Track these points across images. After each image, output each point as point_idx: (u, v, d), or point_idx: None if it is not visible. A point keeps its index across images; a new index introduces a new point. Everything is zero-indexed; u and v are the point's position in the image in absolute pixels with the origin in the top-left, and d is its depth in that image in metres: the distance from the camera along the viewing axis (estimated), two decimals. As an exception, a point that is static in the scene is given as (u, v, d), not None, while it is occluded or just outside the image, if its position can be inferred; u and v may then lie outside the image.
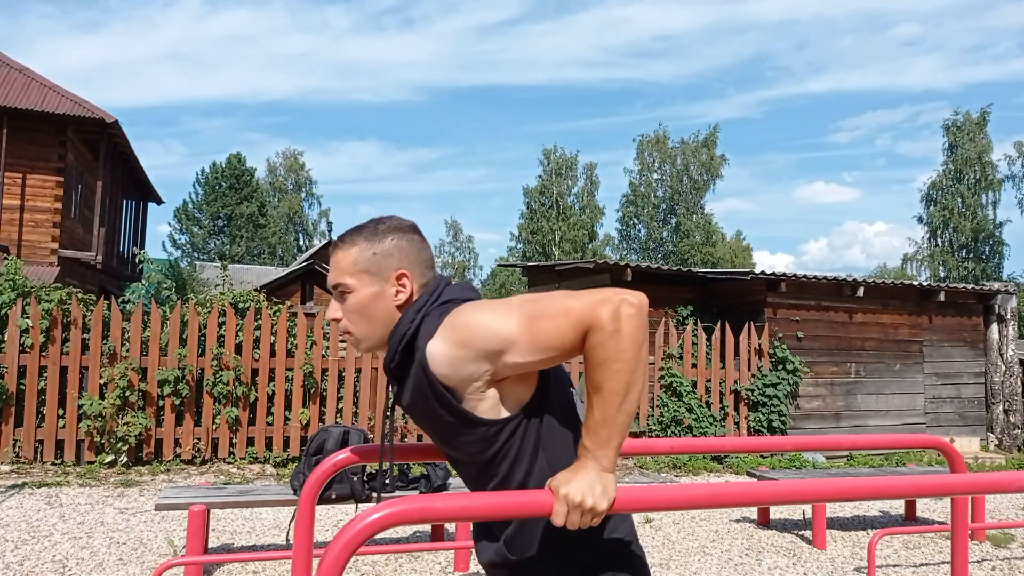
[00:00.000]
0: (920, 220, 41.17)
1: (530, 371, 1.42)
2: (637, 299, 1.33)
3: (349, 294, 1.50)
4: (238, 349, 7.44)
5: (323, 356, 7.66)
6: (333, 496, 4.06)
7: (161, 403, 7.16)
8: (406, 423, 7.80)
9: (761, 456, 8.38)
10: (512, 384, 1.43)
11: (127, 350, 7.15)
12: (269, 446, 7.48)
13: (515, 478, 1.46)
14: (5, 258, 7.44)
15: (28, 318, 6.87)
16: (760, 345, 8.95)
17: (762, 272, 9.22)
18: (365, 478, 4.20)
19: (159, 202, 22.46)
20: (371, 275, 1.49)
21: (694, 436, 8.25)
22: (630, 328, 1.31)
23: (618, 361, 1.31)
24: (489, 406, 1.42)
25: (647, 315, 1.36)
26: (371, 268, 1.49)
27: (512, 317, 1.37)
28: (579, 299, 1.35)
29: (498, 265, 41.88)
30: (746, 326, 8.93)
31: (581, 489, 1.27)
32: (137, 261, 10.62)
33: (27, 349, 6.89)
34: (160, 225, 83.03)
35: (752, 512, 5.84)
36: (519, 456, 1.45)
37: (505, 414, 1.43)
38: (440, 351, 1.39)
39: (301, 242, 49.95)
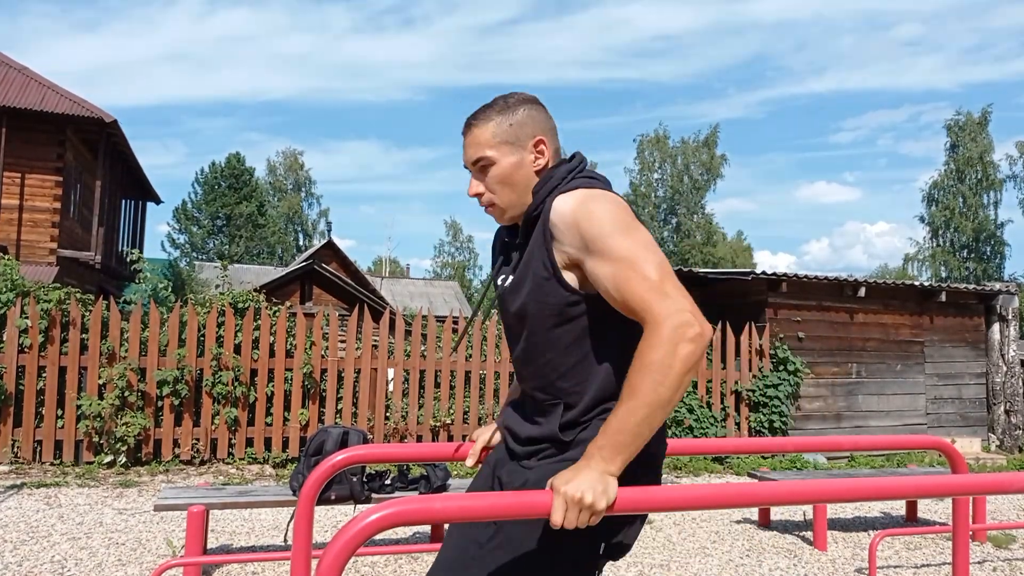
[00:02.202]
0: (922, 220, 41.20)
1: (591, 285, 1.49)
2: (704, 329, 1.35)
3: (491, 166, 1.58)
4: (237, 349, 7.42)
5: (322, 356, 7.65)
6: (332, 497, 4.04)
7: (160, 403, 7.15)
8: (406, 424, 7.80)
9: (762, 457, 8.37)
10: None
11: (126, 350, 7.13)
12: (268, 447, 7.46)
13: (576, 369, 1.52)
14: (3, 258, 7.42)
15: (27, 318, 6.85)
16: (761, 345, 8.94)
17: (763, 272, 9.20)
18: (364, 479, 4.18)
19: (158, 202, 22.45)
20: (510, 145, 1.58)
21: (695, 437, 8.24)
22: (686, 352, 1.32)
23: (664, 376, 1.32)
24: (573, 278, 1.50)
25: (706, 346, 1.38)
26: (509, 138, 1.58)
27: (628, 241, 1.42)
28: (664, 285, 1.38)
29: (498, 265, 41.74)
30: (747, 326, 8.91)
31: (582, 487, 1.26)
32: (129, 261, 10.59)
33: (26, 349, 6.87)
34: (159, 225, 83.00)
35: (753, 513, 5.82)
36: (593, 341, 1.51)
37: (587, 290, 1.50)
38: (565, 210, 1.47)
39: (301, 242, 49.96)
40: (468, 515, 1.26)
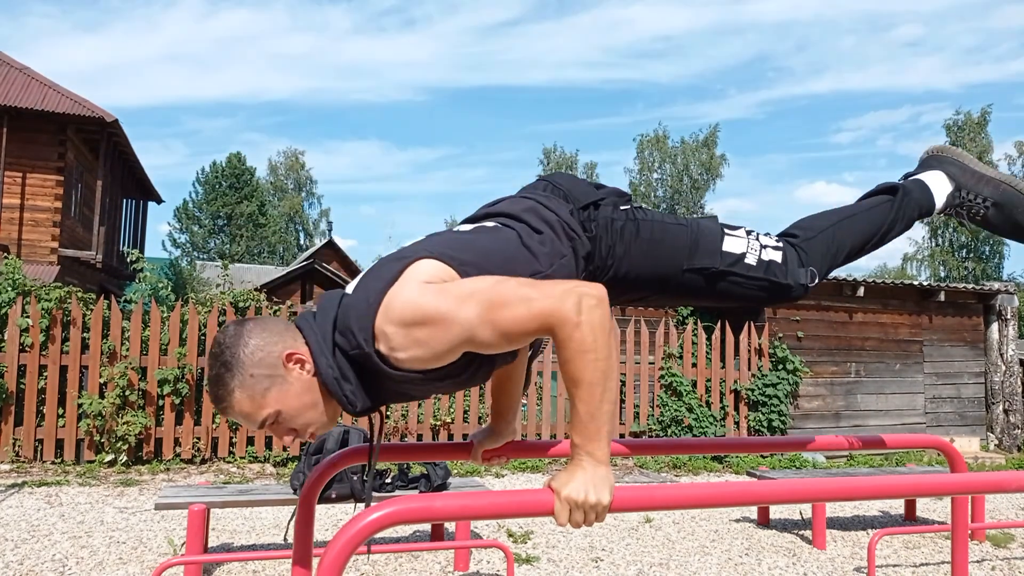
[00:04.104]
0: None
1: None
2: (596, 290, 1.34)
3: (279, 415, 1.43)
4: (238, 348, 7.42)
5: (323, 355, 7.65)
6: (333, 495, 4.06)
7: (161, 402, 7.16)
8: (407, 424, 7.81)
9: (761, 456, 8.38)
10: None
11: (127, 349, 7.15)
12: (269, 445, 7.47)
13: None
14: (5, 257, 7.43)
15: (28, 317, 6.87)
16: (760, 345, 8.95)
17: (762, 272, 9.21)
18: (365, 477, 4.19)
19: (159, 201, 22.45)
20: (270, 389, 1.41)
21: (694, 436, 8.25)
22: (595, 318, 1.31)
23: (592, 351, 1.30)
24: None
25: (608, 304, 1.36)
26: (265, 384, 1.40)
27: (469, 305, 1.34)
28: (538, 289, 1.34)
29: (498, 265, 41.78)
30: (746, 326, 8.92)
31: (583, 488, 1.27)
32: (128, 261, 10.59)
33: (27, 348, 6.88)
34: (160, 224, 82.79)
35: (752, 512, 5.84)
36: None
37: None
38: (396, 342, 1.36)
39: (301, 241, 49.92)
40: (468, 514, 1.28)
